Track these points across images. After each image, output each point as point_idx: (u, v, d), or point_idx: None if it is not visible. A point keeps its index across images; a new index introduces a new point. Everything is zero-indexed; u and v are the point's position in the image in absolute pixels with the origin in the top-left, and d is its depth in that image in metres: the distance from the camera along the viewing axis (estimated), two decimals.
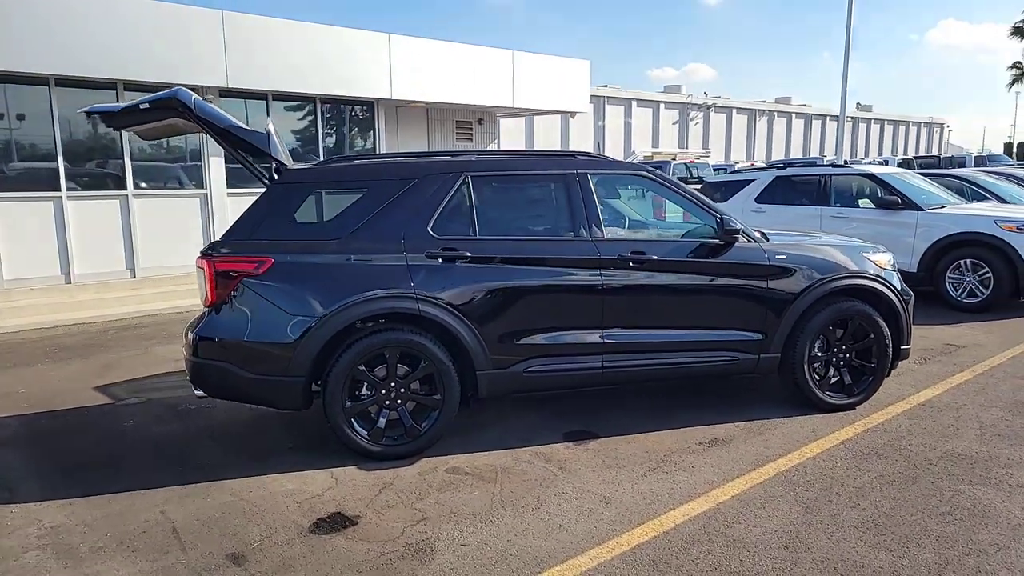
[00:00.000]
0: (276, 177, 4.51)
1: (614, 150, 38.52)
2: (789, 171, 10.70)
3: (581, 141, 37.43)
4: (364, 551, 3.40)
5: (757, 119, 47.81)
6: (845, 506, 3.75)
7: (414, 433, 4.45)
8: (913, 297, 5.46)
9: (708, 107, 44.37)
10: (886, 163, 29.62)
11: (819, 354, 5.14)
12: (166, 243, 10.39)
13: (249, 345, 4.27)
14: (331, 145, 11.97)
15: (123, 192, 10.02)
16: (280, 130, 11.34)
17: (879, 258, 5.34)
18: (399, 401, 4.45)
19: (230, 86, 10.21)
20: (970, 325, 7.92)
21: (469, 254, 4.47)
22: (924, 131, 65.50)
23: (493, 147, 15.04)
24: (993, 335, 7.49)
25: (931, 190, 9.87)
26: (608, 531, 3.54)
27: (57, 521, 3.76)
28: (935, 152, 59.67)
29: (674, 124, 42.98)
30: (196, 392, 4.46)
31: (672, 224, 5.17)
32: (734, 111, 46.33)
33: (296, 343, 4.23)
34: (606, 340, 4.71)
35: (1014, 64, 46.70)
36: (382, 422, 4.43)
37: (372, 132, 12.30)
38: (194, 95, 4.34)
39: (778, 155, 46.94)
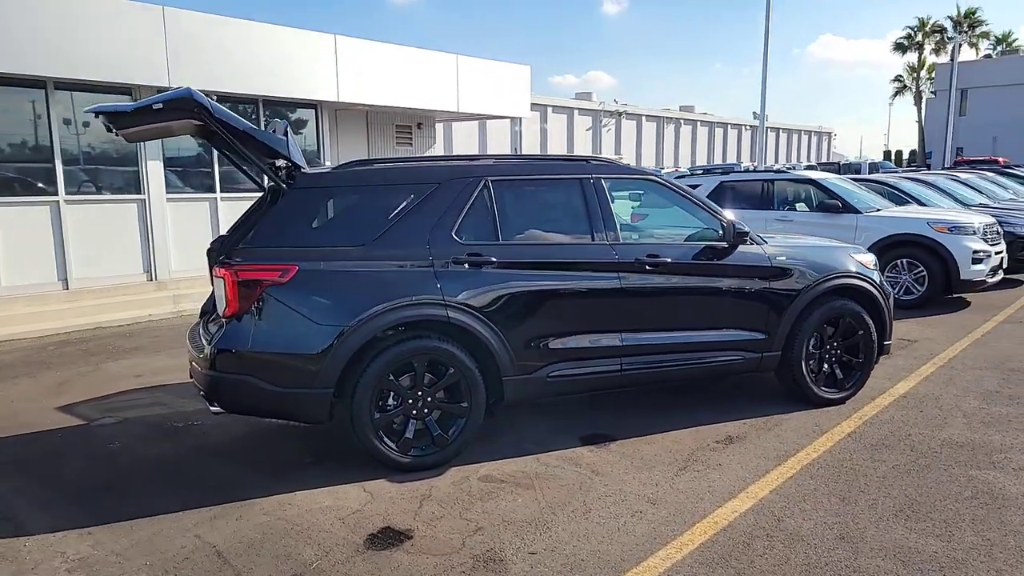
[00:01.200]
0: (292, 181, 4.32)
1: None
2: (733, 176, 11.12)
3: (498, 146, 37.57)
4: (432, 564, 3.31)
5: (665, 126, 49.31)
6: (878, 495, 3.94)
7: (442, 442, 4.36)
8: (892, 294, 5.79)
9: (620, 114, 45.44)
10: (792, 168, 31.17)
11: (814, 351, 5.37)
12: (101, 252, 9.75)
13: (274, 357, 4.07)
14: None
15: (54, 198, 9.34)
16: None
17: (864, 258, 5.63)
18: (426, 410, 4.35)
19: (173, 85, 9.69)
20: (915, 321, 8.45)
21: (495, 259, 4.42)
22: (814, 139, 69.32)
23: (431, 152, 14.91)
24: (937, 329, 8.02)
25: (865, 195, 10.48)
26: (667, 532, 3.58)
27: (83, 552, 3.47)
28: (824, 159, 63.35)
29: (587, 131, 43.77)
30: (212, 408, 4.22)
31: (671, 227, 5.28)
32: (644, 118, 47.61)
33: (324, 354, 4.07)
34: (625, 343, 4.76)
35: (896, 77, 50.22)
36: (410, 432, 4.32)
37: (316, 136, 11.96)
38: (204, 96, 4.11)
39: (685, 162, 48.59)
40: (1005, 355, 6.83)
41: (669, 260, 4.85)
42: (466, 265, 4.38)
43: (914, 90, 49.27)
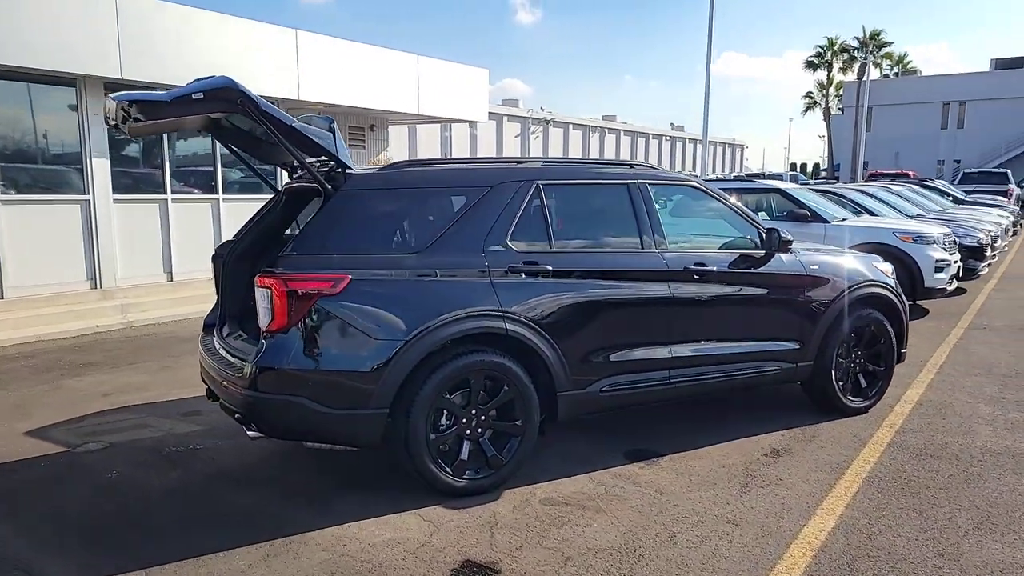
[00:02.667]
0: (340, 183, 3.94)
1: None
2: None
3: (429, 150, 37.15)
4: None
5: (591, 135, 50.05)
6: (951, 508, 3.89)
7: (496, 464, 4.07)
8: (907, 304, 5.86)
9: (547, 122, 45.78)
10: (719, 179, 32.07)
11: (841, 360, 5.35)
12: (41, 258, 8.90)
13: (326, 375, 3.69)
14: (224, 154, 10.88)
15: None
16: (173, 137, 10.16)
17: (884, 267, 5.67)
18: (479, 430, 4.06)
19: (124, 77, 8.96)
20: None
21: (551, 268, 4.17)
22: (728, 151, 71.90)
23: (385, 155, 14.45)
24: (912, 337, 8.20)
25: (830, 204, 10.74)
26: (764, 556, 3.41)
27: None
28: (738, 171, 65.71)
29: (516, 137, 43.90)
30: (249, 433, 3.79)
31: (709, 235, 5.16)
32: (570, 126, 48.18)
33: (380, 370, 3.72)
34: (673, 354, 4.60)
35: (807, 94, 52.63)
36: (465, 454, 4.01)
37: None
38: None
39: None
40: (988, 361, 7.05)
41: (715, 269, 4.72)
42: (523, 274, 4.11)
43: (823, 106, 51.69)
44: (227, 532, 3.63)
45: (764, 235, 4.96)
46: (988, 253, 11.88)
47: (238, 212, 10.81)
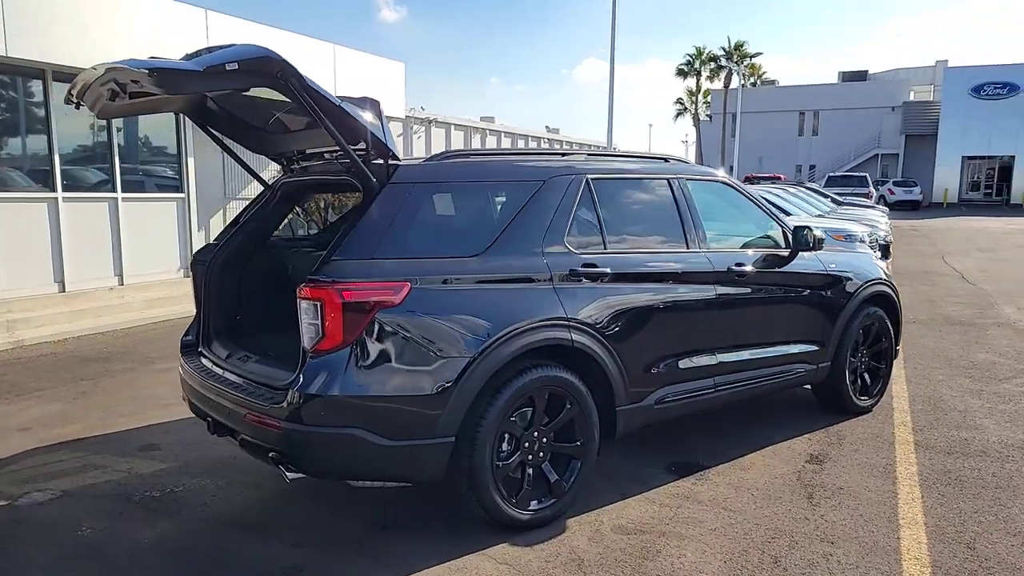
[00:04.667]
0: (387, 175, 3.35)
1: None
2: None
3: None
4: None
5: (472, 135, 49.72)
6: (1019, 506, 3.84)
7: (559, 491, 3.63)
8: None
9: (429, 122, 45.01)
10: None
11: (852, 360, 5.29)
12: None
13: (386, 401, 3.11)
14: (124, 146, 9.66)
15: None
16: (66, 126, 8.87)
17: (883, 264, 5.68)
18: (540, 454, 3.60)
19: (9, 55, 7.69)
20: None
21: (609, 270, 3.78)
22: None
23: None
24: None
25: None
26: None
27: None
28: None
29: (399, 136, 42.86)
30: (289, 475, 3.14)
31: (733, 233, 4.93)
32: (452, 127, 47.44)
33: (446, 392, 3.19)
34: (718, 360, 4.33)
35: (677, 100, 54.86)
36: (528, 482, 3.54)
37: (176, 129, 10.21)
38: None
39: None
40: (942, 354, 7.29)
41: (752, 269, 4.49)
42: (583, 279, 3.69)
43: (692, 112, 54.10)
44: None
45: (791, 234, 4.78)
46: (891, 250, 12.62)
47: (138, 213, 9.67)
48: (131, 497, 4.00)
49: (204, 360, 3.86)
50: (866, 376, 5.45)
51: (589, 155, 4.19)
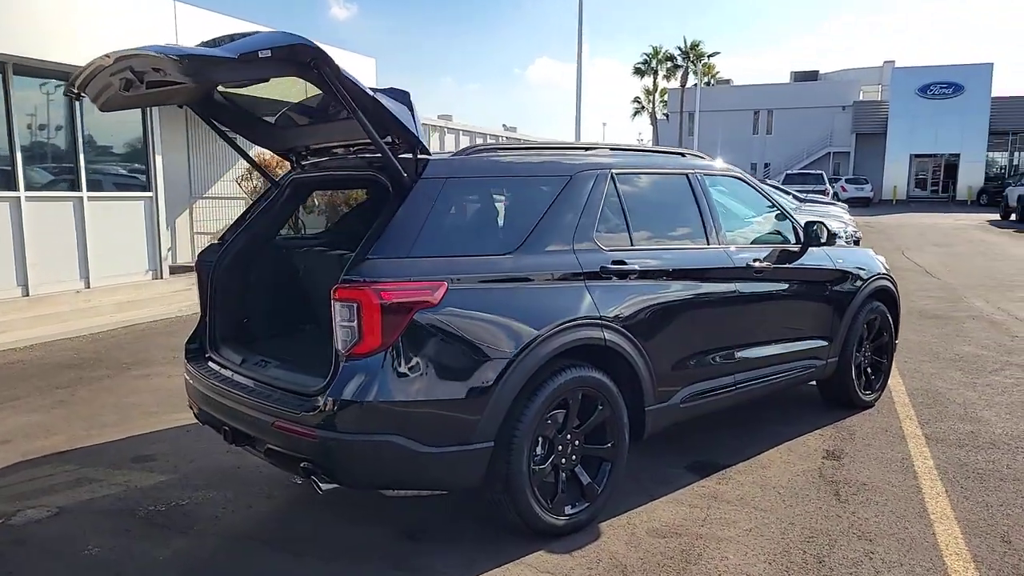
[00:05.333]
0: (418, 170, 3.20)
1: None
2: None
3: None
4: None
5: (431, 133, 49.40)
6: None
7: (592, 495, 3.53)
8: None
9: None
10: None
11: (857, 354, 5.31)
12: None
13: (425, 406, 2.97)
14: (89, 143, 9.24)
15: None
16: (27, 123, 8.44)
17: (882, 259, 5.72)
18: (573, 457, 3.50)
19: None
20: None
21: (638, 267, 3.69)
22: None
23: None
24: None
25: None
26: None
27: None
28: None
29: None
30: (322, 487, 2.97)
31: (746, 229, 4.90)
32: None
33: (485, 395, 3.06)
34: (738, 357, 4.29)
35: (635, 99, 55.29)
36: (562, 486, 3.43)
37: (144, 126, 9.81)
38: None
39: None
40: (927, 348, 7.38)
41: (769, 265, 4.46)
42: (613, 276, 3.59)
43: (650, 111, 54.61)
44: None
45: (802, 229, 4.77)
46: (860, 246, 12.82)
47: (104, 212, 9.28)
48: (135, 512, 3.77)
49: (215, 365, 3.66)
50: (869, 371, 5.47)
51: (612, 148, 4.09)
